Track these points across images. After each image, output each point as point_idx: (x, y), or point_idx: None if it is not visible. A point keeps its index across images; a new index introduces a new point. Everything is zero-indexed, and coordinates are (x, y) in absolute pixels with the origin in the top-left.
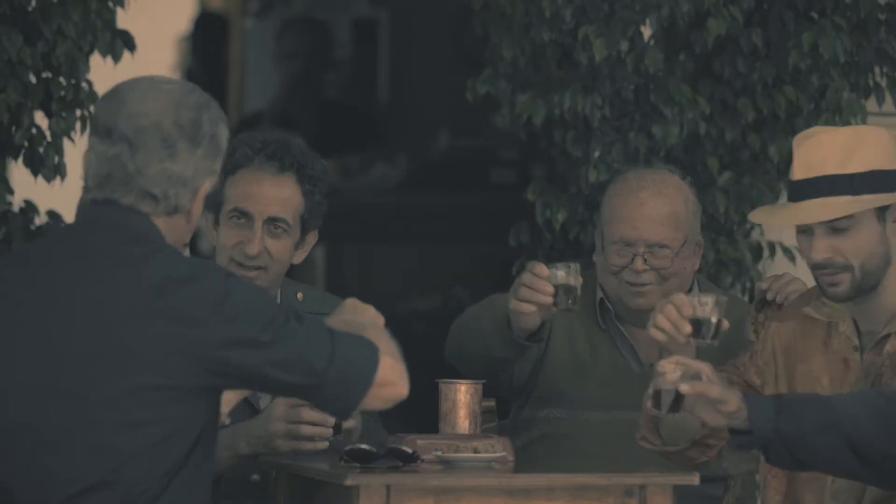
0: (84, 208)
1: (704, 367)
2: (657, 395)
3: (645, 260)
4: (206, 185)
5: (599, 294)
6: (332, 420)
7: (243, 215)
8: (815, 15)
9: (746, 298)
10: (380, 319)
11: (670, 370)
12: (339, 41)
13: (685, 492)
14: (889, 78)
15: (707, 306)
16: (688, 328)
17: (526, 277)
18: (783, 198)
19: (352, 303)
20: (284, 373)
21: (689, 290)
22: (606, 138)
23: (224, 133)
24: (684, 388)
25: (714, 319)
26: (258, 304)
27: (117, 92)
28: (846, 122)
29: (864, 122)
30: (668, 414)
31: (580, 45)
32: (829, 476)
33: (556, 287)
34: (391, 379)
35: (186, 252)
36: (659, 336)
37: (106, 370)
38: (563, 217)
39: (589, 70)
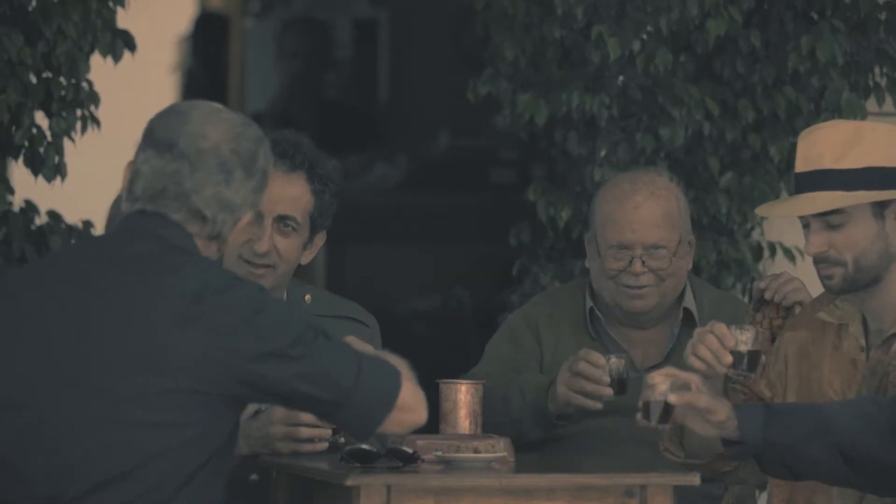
0: (131, 217)
1: (693, 378)
2: (646, 406)
3: (643, 262)
4: (247, 217)
5: (589, 303)
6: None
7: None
8: (814, 16)
9: (747, 299)
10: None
11: (660, 381)
12: (339, 41)
13: (685, 491)
14: (889, 78)
15: (748, 341)
16: (729, 359)
17: (582, 366)
18: (785, 196)
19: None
20: (311, 387)
21: (682, 291)
22: (613, 138)
23: (271, 170)
24: (672, 398)
25: (753, 351)
26: (290, 318)
27: (178, 110)
28: None
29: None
30: (658, 425)
31: (593, 44)
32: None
33: (612, 378)
34: (412, 404)
35: None
36: (697, 364)
37: (138, 370)
38: (567, 215)
39: (594, 69)
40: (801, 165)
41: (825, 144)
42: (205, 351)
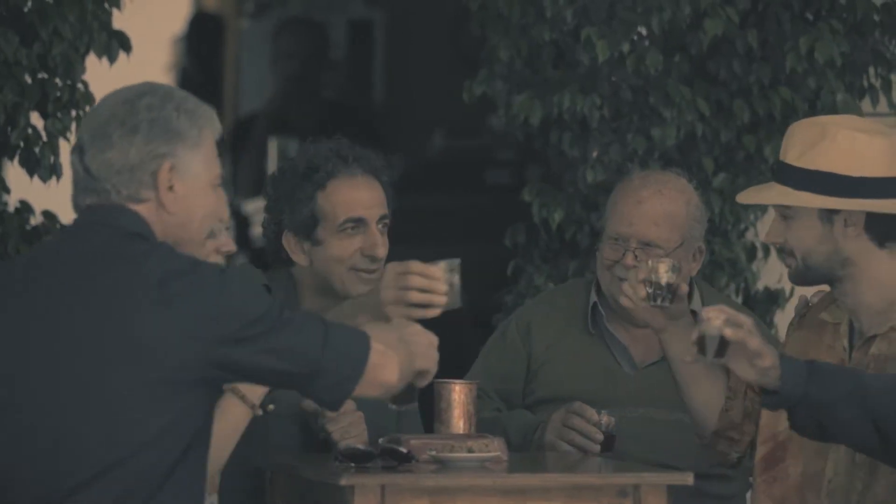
0: (83, 211)
1: (747, 320)
2: (701, 340)
3: (635, 256)
4: (166, 168)
5: (593, 298)
6: (442, 287)
7: (357, 222)
8: (810, 16)
9: (740, 300)
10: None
11: (714, 316)
12: (334, 42)
13: (678, 487)
14: (883, 79)
15: (659, 271)
16: (642, 291)
17: (576, 422)
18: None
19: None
20: (279, 361)
21: (690, 296)
22: (605, 139)
23: (176, 116)
24: (728, 332)
25: (665, 282)
26: (254, 296)
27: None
28: None
29: None
30: (714, 359)
31: (582, 46)
32: (824, 479)
33: (602, 433)
34: (380, 363)
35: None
36: (625, 302)
37: (111, 362)
38: (559, 217)
39: (586, 71)
40: (780, 153)
41: (796, 139)
42: (174, 337)
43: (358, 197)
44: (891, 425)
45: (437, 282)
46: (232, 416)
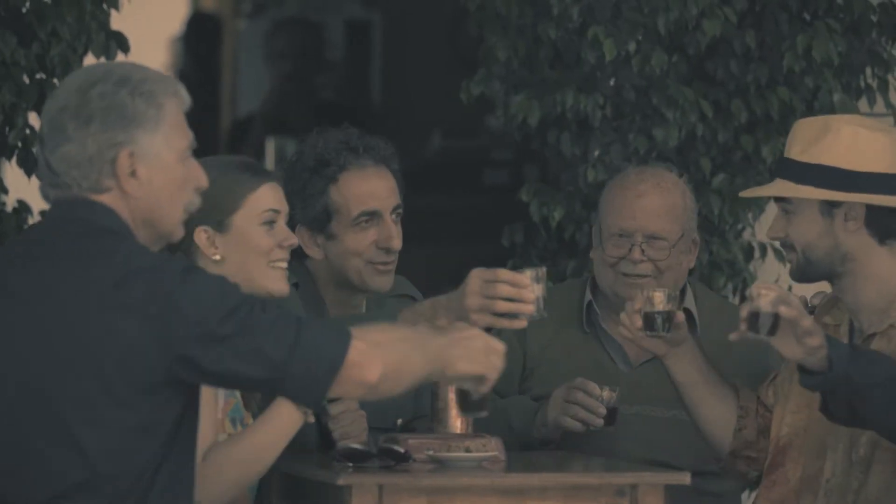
0: (54, 205)
1: (794, 298)
2: (753, 317)
3: (642, 251)
4: (125, 155)
5: (588, 297)
6: (531, 296)
7: (371, 215)
8: (807, 16)
9: (738, 300)
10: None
11: (766, 293)
12: (331, 42)
13: (675, 485)
14: (880, 79)
15: (654, 301)
16: (638, 322)
17: (580, 396)
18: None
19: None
20: (245, 366)
21: (683, 291)
22: (606, 138)
23: (133, 101)
24: (783, 310)
25: (661, 311)
26: (219, 295)
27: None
28: None
29: None
30: (767, 336)
31: (588, 45)
32: (822, 479)
33: (608, 409)
34: (359, 361)
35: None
36: (625, 333)
37: (72, 367)
38: (559, 215)
39: (586, 70)
40: (785, 151)
41: (799, 135)
42: (136, 339)
43: (371, 189)
44: None
45: (525, 290)
46: (280, 422)
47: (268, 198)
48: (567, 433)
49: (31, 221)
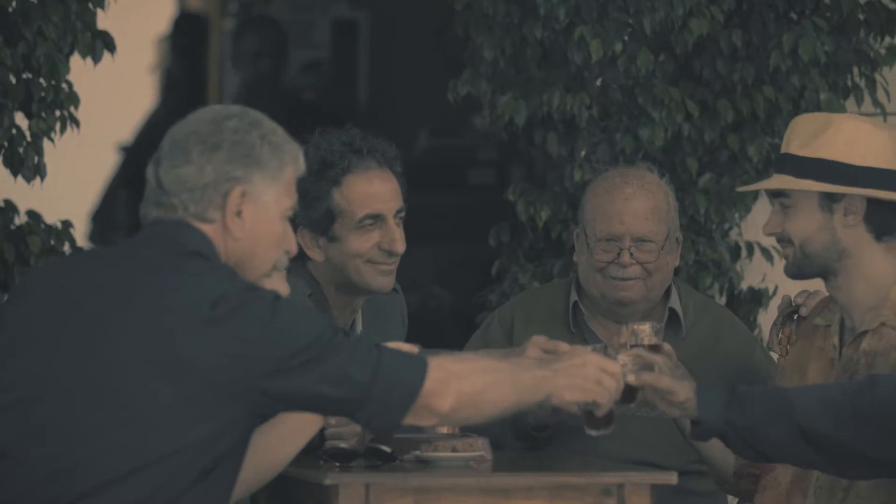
0: (149, 224)
1: (657, 359)
2: None
3: (631, 254)
4: (238, 192)
5: (574, 297)
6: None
7: (375, 218)
8: (794, 15)
9: (724, 299)
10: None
11: (622, 363)
12: (318, 42)
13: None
14: (868, 78)
15: (640, 334)
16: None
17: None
18: (762, 197)
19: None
20: (329, 387)
21: (668, 290)
22: (592, 138)
23: (260, 144)
24: (631, 378)
25: (650, 344)
26: (306, 322)
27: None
28: None
29: None
30: (621, 405)
31: (574, 45)
32: (811, 478)
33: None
34: (433, 391)
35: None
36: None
37: (153, 375)
38: (546, 215)
39: (573, 70)
40: (782, 146)
41: (799, 131)
42: (223, 360)
43: (374, 192)
44: (822, 435)
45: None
46: (301, 424)
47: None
48: (561, 418)
49: (17, 221)
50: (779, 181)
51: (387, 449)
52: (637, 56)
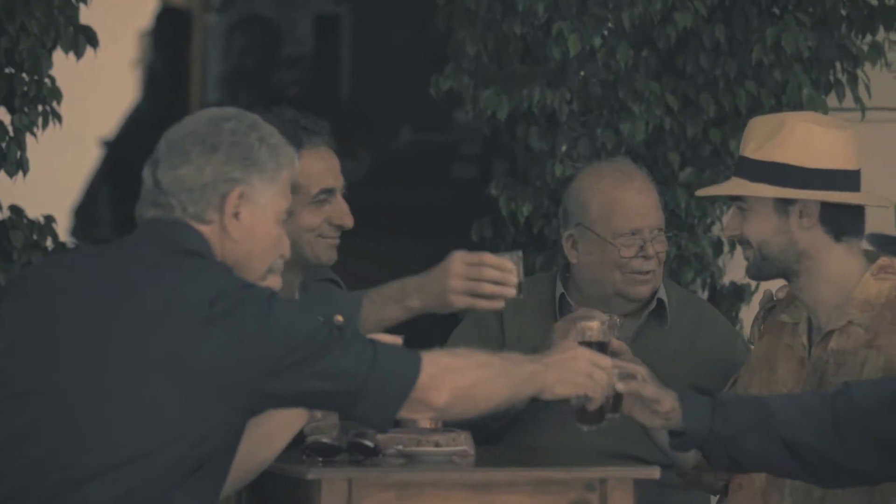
0: (146, 223)
1: (640, 369)
2: None
3: (652, 245)
4: (236, 194)
5: (560, 290)
6: (514, 280)
7: (329, 192)
8: (777, 10)
9: (706, 294)
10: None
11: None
12: (300, 37)
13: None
14: (849, 74)
15: (594, 330)
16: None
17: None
18: None
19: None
20: (326, 383)
21: None
22: (573, 133)
23: (259, 146)
24: (619, 385)
25: (599, 342)
26: (300, 320)
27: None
28: None
29: None
30: (610, 414)
31: (553, 40)
32: (786, 481)
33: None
34: (428, 385)
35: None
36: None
37: (150, 372)
38: (527, 210)
39: (554, 65)
40: (740, 149)
41: (754, 134)
42: (220, 358)
43: (327, 167)
44: (804, 445)
45: (509, 274)
46: (286, 420)
47: None
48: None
49: (0, 217)
50: (733, 186)
51: (370, 444)
52: (617, 50)
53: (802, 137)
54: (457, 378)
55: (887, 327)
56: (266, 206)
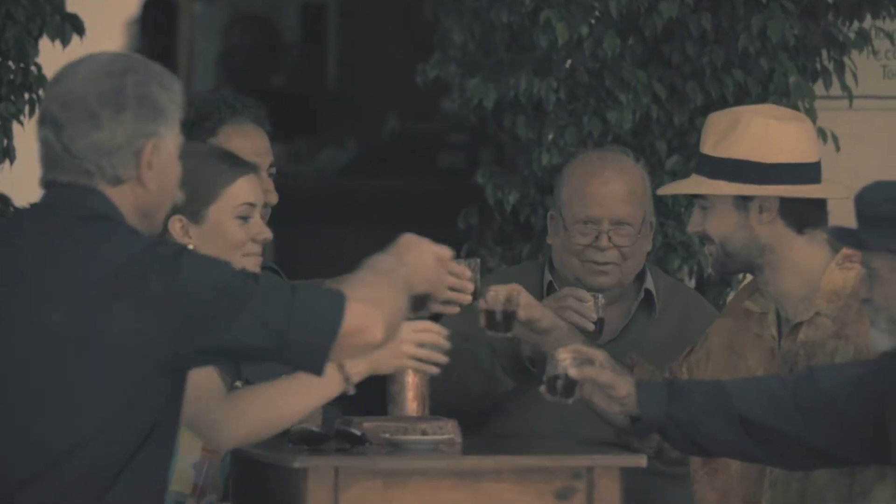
0: (48, 191)
1: (598, 354)
2: (551, 380)
3: (609, 238)
4: (150, 148)
5: (548, 277)
6: (471, 287)
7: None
8: (763, 0)
9: (693, 282)
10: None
11: (563, 356)
12: (288, 25)
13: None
14: (836, 61)
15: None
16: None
17: (571, 302)
18: None
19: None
20: (247, 336)
21: (641, 272)
22: (560, 122)
23: (161, 93)
24: (573, 371)
25: (501, 311)
26: (212, 274)
27: (57, 75)
28: (794, 105)
29: (811, 105)
30: (562, 399)
31: (541, 29)
32: (765, 471)
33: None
34: (361, 326)
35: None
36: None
37: (64, 351)
38: (514, 199)
39: (541, 54)
40: (700, 146)
41: (712, 130)
42: (135, 328)
43: (250, 145)
44: (759, 425)
45: (467, 283)
46: (320, 384)
47: (244, 191)
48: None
49: None
50: (692, 184)
51: (356, 432)
52: (604, 39)
53: (758, 132)
54: (384, 310)
55: (854, 317)
56: (170, 147)
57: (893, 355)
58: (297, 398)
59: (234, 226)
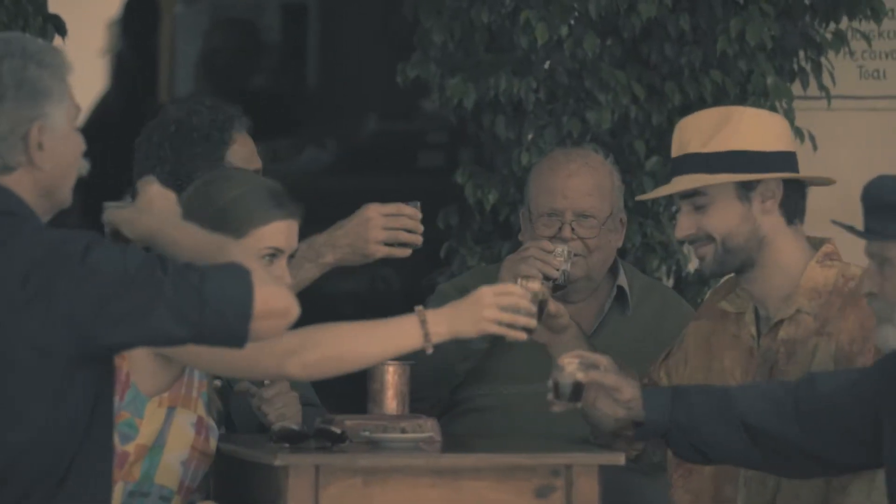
0: None
1: (602, 359)
2: (557, 386)
3: (572, 229)
4: (36, 130)
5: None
6: (421, 228)
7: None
8: (741, 0)
9: (672, 282)
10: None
11: (569, 362)
12: (268, 25)
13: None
14: (813, 62)
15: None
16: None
17: (535, 251)
18: None
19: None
20: (162, 329)
21: (614, 269)
22: (540, 122)
23: (41, 73)
24: (580, 375)
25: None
26: (122, 265)
27: None
28: (772, 106)
29: (789, 105)
30: (570, 404)
31: (520, 29)
32: (739, 470)
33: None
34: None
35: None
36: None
37: None
38: (494, 198)
39: (521, 54)
40: (674, 151)
41: (693, 130)
42: (48, 330)
43: (247, 152)
44: (762, 432)
45: (418, 223)
46: (398, 329)
47: (275, 236)
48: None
49: None
50: (693, 180)
51: (337, 430)
52: (583, 40)
53: (754, 123)
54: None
55: (836, 314)
56: (62, 124)
57: (889, 357)
58: (373, 341)
59: (255, 263)
